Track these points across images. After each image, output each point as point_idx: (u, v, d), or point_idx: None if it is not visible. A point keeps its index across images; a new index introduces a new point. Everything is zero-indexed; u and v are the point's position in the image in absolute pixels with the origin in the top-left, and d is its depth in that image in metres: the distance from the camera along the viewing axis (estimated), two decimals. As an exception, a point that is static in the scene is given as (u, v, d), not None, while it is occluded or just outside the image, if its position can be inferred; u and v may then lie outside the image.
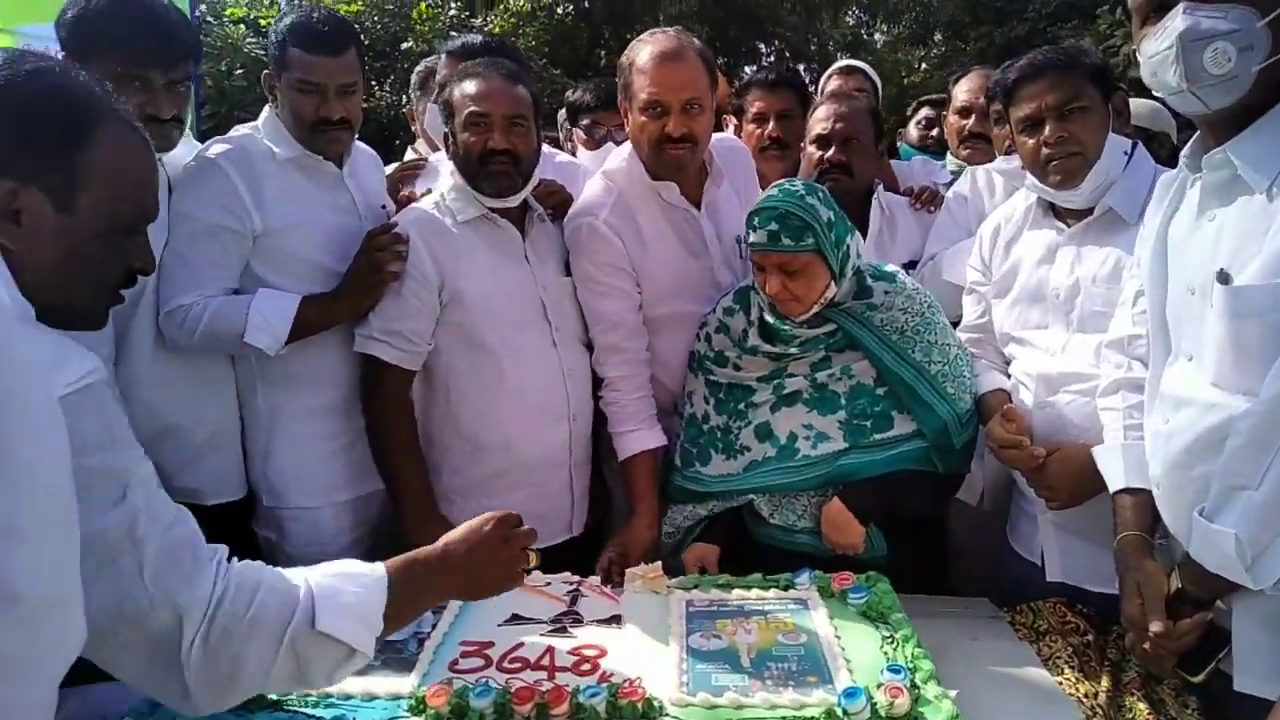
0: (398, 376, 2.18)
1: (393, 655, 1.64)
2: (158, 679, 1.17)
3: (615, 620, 1.79)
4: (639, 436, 2.24)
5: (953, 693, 1.48)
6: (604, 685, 1.48)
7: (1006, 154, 2.49)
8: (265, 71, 2.23)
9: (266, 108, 2.27)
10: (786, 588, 1.88)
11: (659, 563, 1.94)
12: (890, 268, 2.10)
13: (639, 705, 1.44)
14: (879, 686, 1.46)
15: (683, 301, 2.29)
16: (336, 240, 2.24)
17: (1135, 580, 1.58)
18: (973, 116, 2.84)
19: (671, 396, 2.35)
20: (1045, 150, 1.92)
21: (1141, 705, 1.66)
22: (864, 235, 2.55)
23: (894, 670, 1.49)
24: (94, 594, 1.03)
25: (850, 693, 1.43)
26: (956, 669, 1.64)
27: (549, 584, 1.94)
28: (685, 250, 2.31)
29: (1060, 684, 1.71)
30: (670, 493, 2.25)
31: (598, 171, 2.41)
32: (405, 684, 1.53)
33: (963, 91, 2.91)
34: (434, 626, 1.74)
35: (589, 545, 2.28)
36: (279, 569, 1.30)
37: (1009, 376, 2.11)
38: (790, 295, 1.97)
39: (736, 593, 1.87)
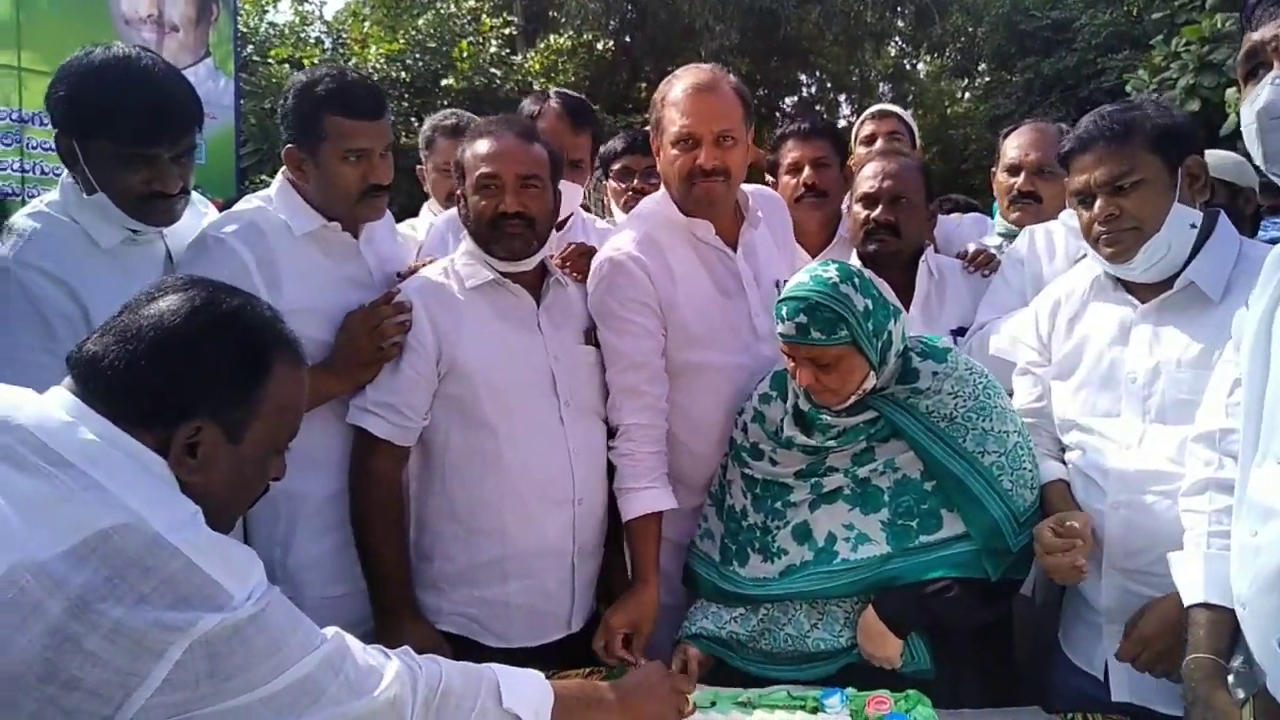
0: (388, 453, 2.01)
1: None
2: None
3: None
4: (650, 496, 2.05)
5: None
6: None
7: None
8: (287, 149, 2.04)
9: (279, 178, 2.10)
10: (815, 710, 1.66)
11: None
12: (943, 342, 1.89)
13: None
14: None
15: (717, 350, 2.10)
16: None
17: (1202, 715, 1.37)
18: (1022, 174, 2.63)
19: (702, 467, 2.14)
20: (1096, 227, 1.73)
21: None
22: (910, 299, 2.34)
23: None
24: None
25: None
26: None
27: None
28: (719, 291, 2.14)
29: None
30: (701, 587, 2.04)
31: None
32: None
33: (1012, 148, 2.68)
34: None
35: (589, 639, 2.07)
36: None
37: (1064, 465, 1.88)
38: (824, 387, 1.78)
39: (759, 715, 1.65)
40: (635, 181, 2.96)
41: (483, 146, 2.00)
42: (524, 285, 2.08)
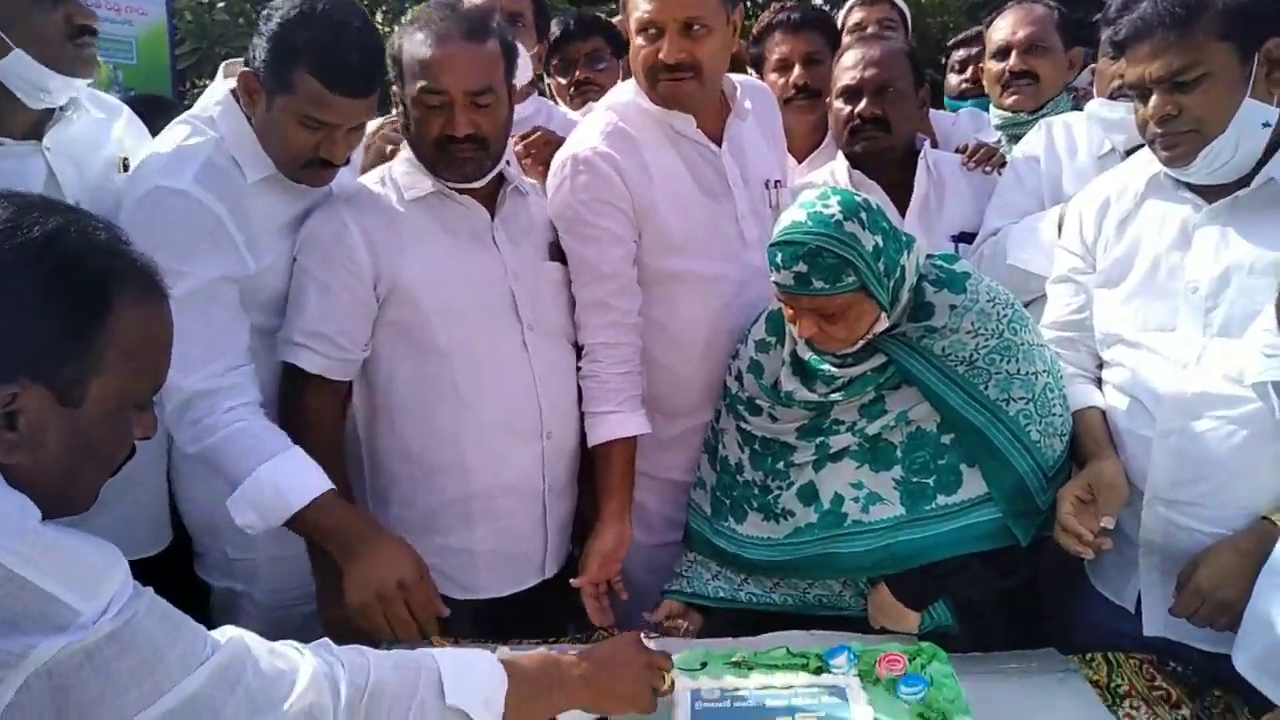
0: (323, 390, 1.75)
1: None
2: None
3: (600, 729, 1.38)
4: (618, 420, 1.84)
5: None
6: None
7: (1111, 97, 1.99)
8: (245, 70, 1.70)
9: (223, 94, 1.75)
10: (819, 671, 1.47)
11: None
12: (961, 266, 1.63)
13: None
14: None
15: (699, 258, 1.87)
16: None
17: None
18: (1013, 54, 2.37)
19: (683, 391, 1.92)
20: (1151, 126, 1.49)
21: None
22: (906, 202, 2.08)
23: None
24: None
25: None
26: None
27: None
28: (702, 191, 1.88)
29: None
30: (694, 544, 1.84)
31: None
32: None
33: (999, 30, 2.44)
34: None
35: (564, 588, 1.87)
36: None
37: (1100, 388, 1.67)
38: (829, 337, 1.54)
39: (756, 677, 1.46)
40: (579, 73, 2.64)
41: (425, 50, 1.67)
42: (475, 196, 1.79)
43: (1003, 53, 2.43)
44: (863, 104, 2.04)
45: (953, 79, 3.30)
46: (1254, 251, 1.46)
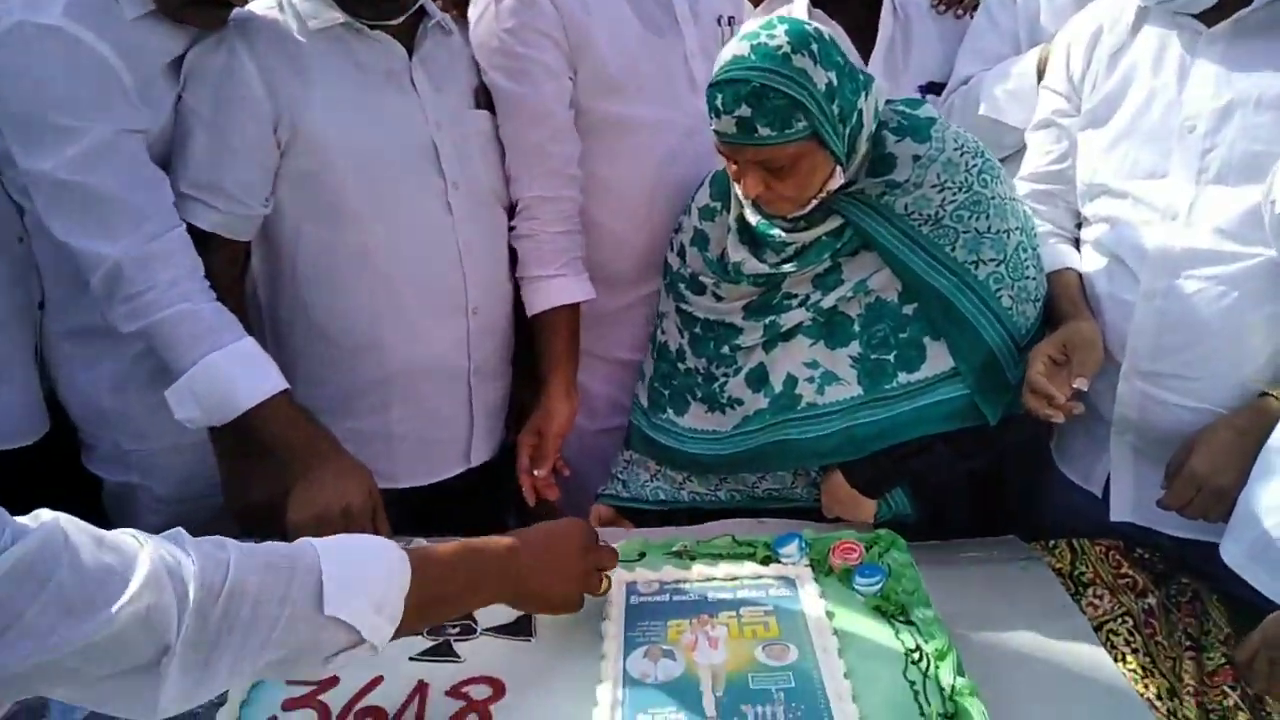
0: (216, 250, 1.52)
1: (180, 711, 1.09)
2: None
3: (522, 627, 1.24)
4: (561, 286, 1.67)
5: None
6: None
7: None
8: None
9: None
10: (766, 561, 1.34)
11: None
12: (925, 110, 1.43)
13: (541, 820, 0.92)
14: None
15: (643, 102, 1.65)
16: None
17: None
18: None
19: (627, 256, 1.74)
20: None
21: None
22: (869, 50, 1.86)
23: (936, 739, 0.97)
24: None
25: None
26: (983, 650, 1.17)
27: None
28: (645, 26, 1.66)
29: (1122, 675, 1.22)
30: (630, 440, 1.69)
31: None
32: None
33: None
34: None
35: (498, 477, 1.71)
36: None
37: (1078, 248, 1.51)
38: (777, 195, 1.35)
39: (698, 568, 1.33)
40: None
41: None
42: (391, 33, 1.54)
43: None
44: None
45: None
46: (1260, 82, 1.28)
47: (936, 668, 1.10)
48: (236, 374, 1.41)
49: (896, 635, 1.17)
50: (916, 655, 1.13)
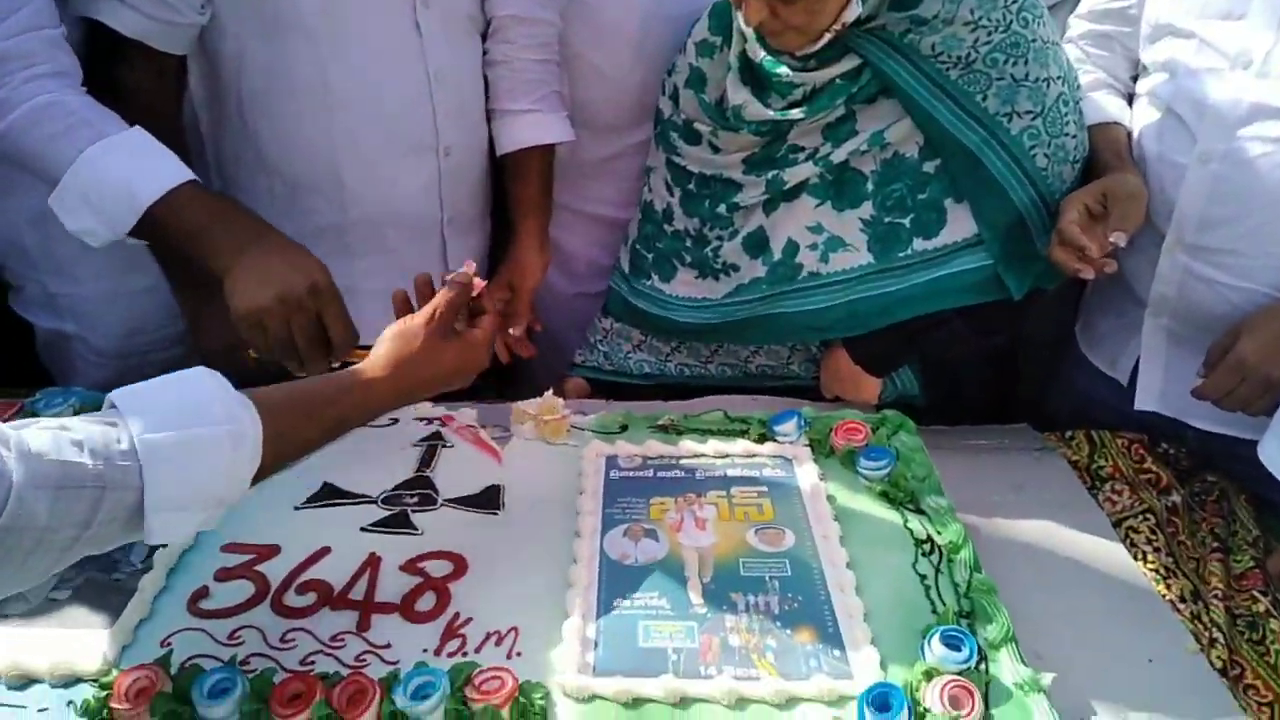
0: (141, 61, 1.29)
1: (98, 577, 0.96)
2: None
3: (489, 499, 1.12)
4: (536, 122, 1.48)
5: (1048, 679, 0.86)
6: (442, 670, 0.83)
7: None
8: None
9: None
10: (761, 439, 1.22)
11: (557, 399, 1.24)
12: None
13: (503, 714, 0.80)
14: (925, 677, 0.83)
15: None
16: None
17: None
18: None
19: (614, 98, 1.53)
20: None
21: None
22: None
23: (951, 641, 0.85)
24: None
25: (882, 697, 0.79)
26: (992, 543, 1.06)
27: (393, 421, 1.25)
28: None
29: (1143, 574, 1.13)
30: (610, 305, 1.53)
31: None
32: (92, 654, 0.86)
33: None
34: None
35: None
36: None
37: (1129, 102, 1.34)
38: (784, 25, 1.16)
39: (686, 444, 1.20)
40: None
41: None
42: None
43: None
44: None
45: None
46: None
47: (950, 561, 0.99)
48: (128, 165, 1.17)
49: (905, 524, 1.06)
50: (928, 547, 1.02)
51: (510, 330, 1.48)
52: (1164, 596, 1.09)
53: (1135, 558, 1.15)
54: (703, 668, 0.86)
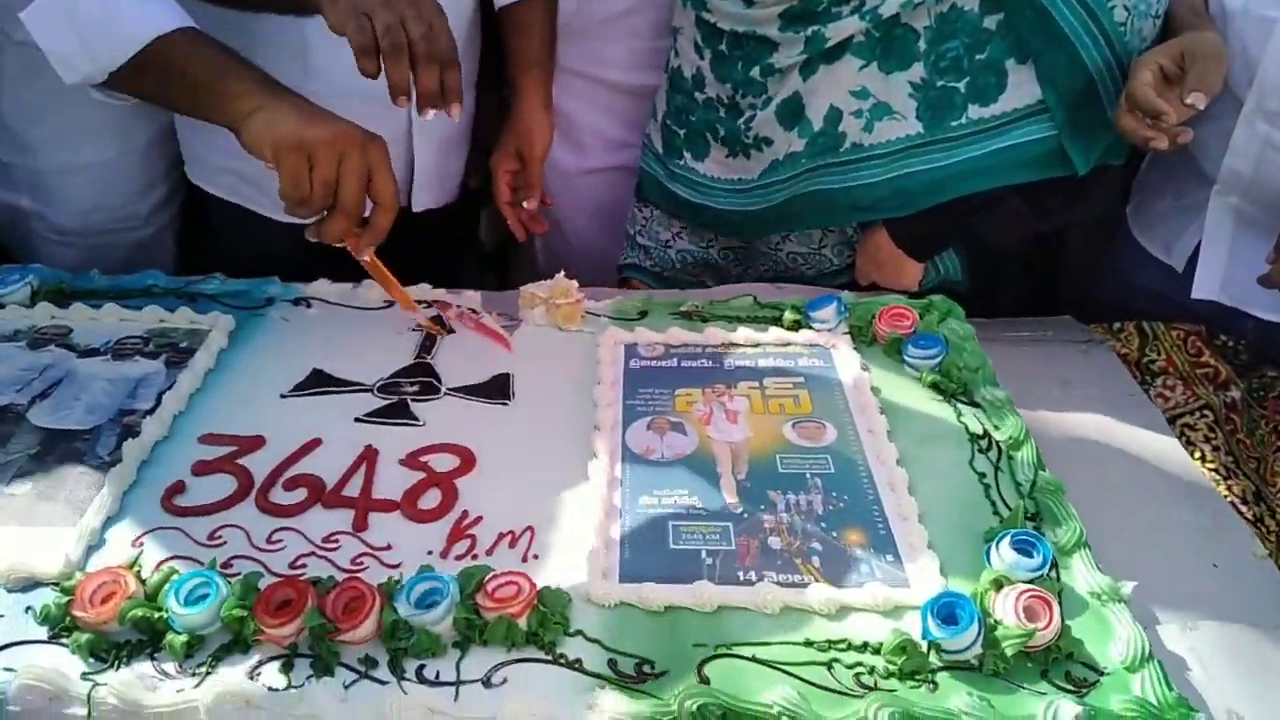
0: None
1: (60, 469, 0.86)
2: None
3: (498, 388, 1.01)
4: None
5: (1128, 587, 0.77)
6: (449, 575, 0.73)
7: None
8: None
9: None
10: (796, 326, 1.10)
11: (571, 281, 1.12)
12: None
13: (519, 624, 0.71)
14: (993, 586, 0.73)
15: None
16: None
17: None
18: None
19: None
20: None
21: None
22: None
23: (1022, 546, 0.76)
24: None
25: (948, 608, 0.70)
26: (1041, 440, 0.94)
27: (387, 304, 1.14)
28: None
29: (1202, 474, 1.04)
30: (644, 190, 1.40)
31: None
32: (53, 555, 0.76)
33: None
34: (161, 394, 0.95)
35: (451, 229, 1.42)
36: None
37: None
38: None
39: (711, 330, 1.09)
40: None
41: None
42: None
43: None
44: None
45: None
46: None
47: (1009, 459, 0.90)
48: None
49: (958, 418, 0.96)
50: (984, 443, 0.92)
51: (525, 204, 1.35)
52: (1224, 498, 1.00)
53: (1192, 457, 1.06)
54: (741, 573, 0.77)
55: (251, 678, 0.67)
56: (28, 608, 0.72)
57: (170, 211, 1.46)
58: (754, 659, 0.70)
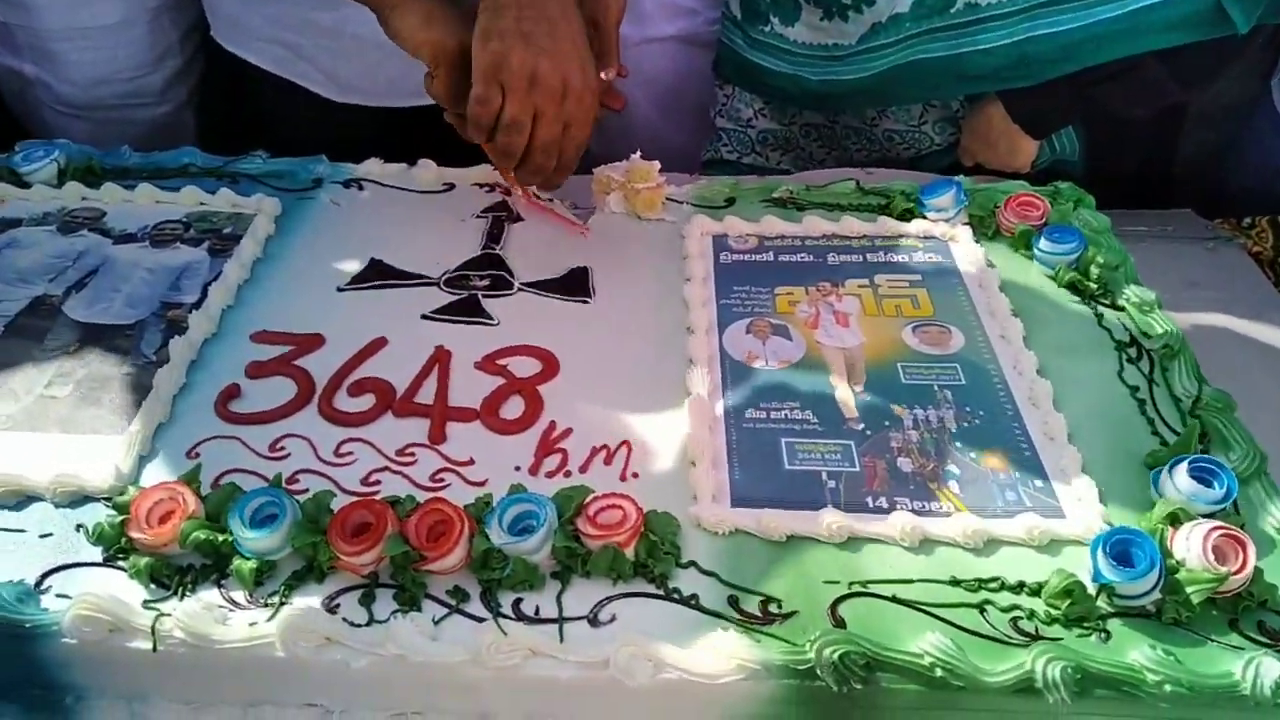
0: None
1: (102, 369, 0.77)
2: None
3: (577, 284, 0.90)
4: None
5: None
6: (544, 497, 0.65)
7: None
8: None
9: None
10: (905, 215, 0.98)
11: (651, 163, 1.00)
12: None
13: (627, 554, 0.62)
14: (1168, 521, 0.64)
15: None
16: None
17: None
18: None
19: None
20: None
21: None
22: None
23: (1201, 474, 0.66)
24: None
25: (1122, 544, 0.61)
26: None
27: (450, 187, 1.02)
28: None
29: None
30: (722, 66, 1.25)
31: None
32: (102, 466, 0.68)
33: None
34: (206, 285, 0.86)
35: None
36: None
37: None
38: None
39: (811, 220, 0.97)
40: None
41: None
42: None
43: None
44: None
45: None
46: None
47: (1164, 369, 0.79)
48: None
49: (1100, 322, 0.84)
50: (1133, 351, 0.81)
51: (602, 75, 1.20)
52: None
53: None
54: (870, 499, 0.68)
55: (330, 610, 0.60)
56: (78, 525, 0.65)
57: (187, 86, 1.34)
58: (894, 599, 0.61)
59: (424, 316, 0.85)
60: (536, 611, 0.60)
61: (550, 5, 0.83)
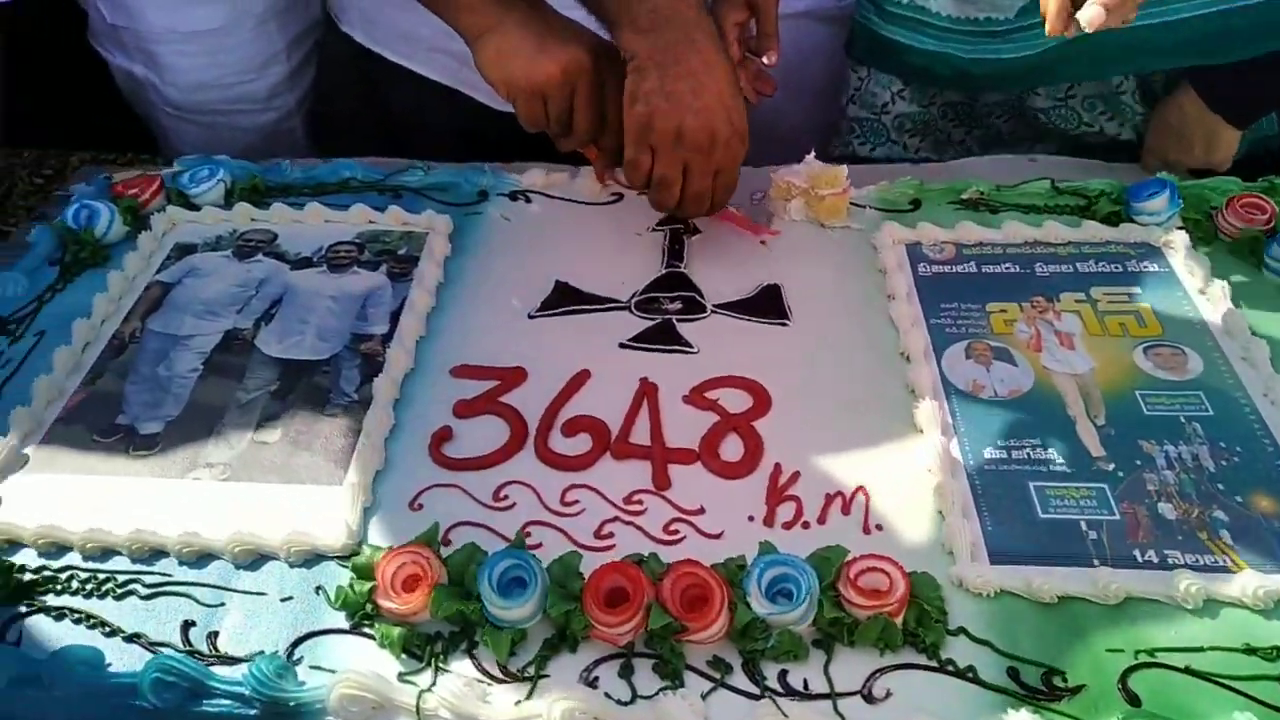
0: None
1: (305, 412, 0.75)
2: None
3: (772, 304, 0.86)
4: None
5: None
6: (800, 559, 0.61)
7: None
8: None
9: None
10: (1112, 220, 0.92)
11: (841, 167, 0.94)
12: None
13: (897, 624, 0.59)
14: None
15: None
16: None
17: None
18: None
19: None
20: None
21: None
22: None
23: None
24: None
25: None
26: None
27: (618, 197, 0.98)
28: None
29: None
30: (855, 47, 1.16)
31: None
32: (328, 525, 0.66)
33: None
34: (394, 314, 0.83)
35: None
36: None
37: None
38: None
39: (1009, 225, 0.91)
40: None
41: None
42: None
43: None
44: None
45: None
46: None
47: None
48: None
49: (1347, 340, 0.78)
50: (1393, 374, 0.75)
51: (765, 59, 1.14)
52: None
53: None
54: (1138, 552, 0.63)
55: (589, 684, 0.58)
56: (317, 588, 0.63)
57: (295, 95, 1.29)
58: (1187, 669, 0.57)
59: (622, 345, 0.82)
60: (805, 686, 0.58)
61: (693, 59, 0.82)
